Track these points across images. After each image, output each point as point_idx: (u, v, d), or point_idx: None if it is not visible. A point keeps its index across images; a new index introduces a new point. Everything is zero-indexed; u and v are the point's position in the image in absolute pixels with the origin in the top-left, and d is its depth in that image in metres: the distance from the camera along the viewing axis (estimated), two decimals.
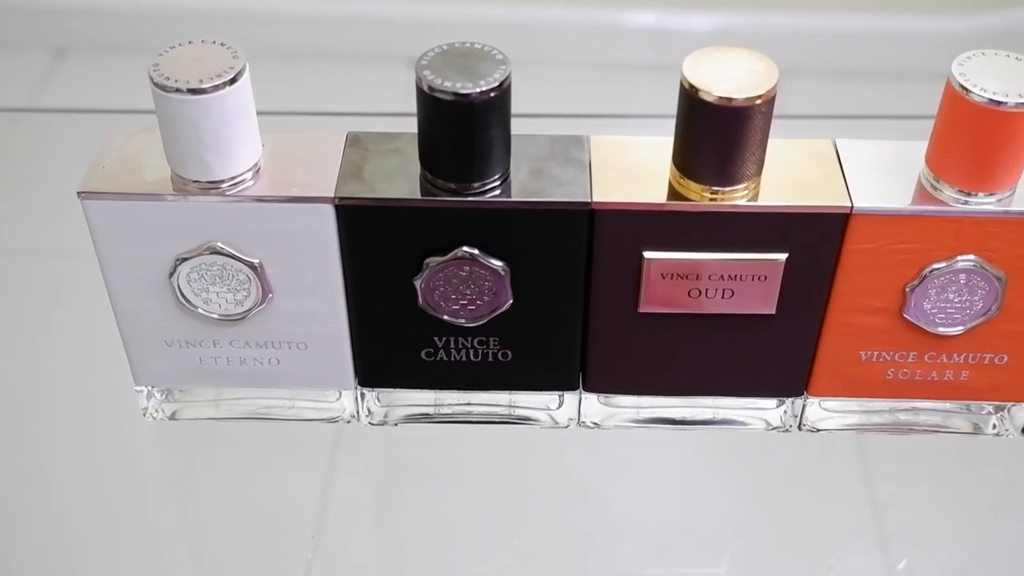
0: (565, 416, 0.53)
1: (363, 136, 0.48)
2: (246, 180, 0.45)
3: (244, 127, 0.45)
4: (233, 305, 0.48)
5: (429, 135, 0.45)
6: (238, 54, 0.44)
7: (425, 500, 0.52)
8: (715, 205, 0.45)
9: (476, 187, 0.45)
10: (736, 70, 0.43)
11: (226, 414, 0.54)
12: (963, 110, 0.43)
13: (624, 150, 0.47)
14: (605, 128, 0.72)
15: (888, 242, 0.46)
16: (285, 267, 0.47)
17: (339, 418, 0.53)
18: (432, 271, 0.47)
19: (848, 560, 0.50)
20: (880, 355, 0.50)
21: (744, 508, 0.52)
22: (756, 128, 0.43)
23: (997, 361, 0.50)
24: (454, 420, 0.54)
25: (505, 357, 0.50)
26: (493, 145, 0.44)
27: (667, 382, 0.52)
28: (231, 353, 0.50)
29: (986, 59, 0.44)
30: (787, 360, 0.51)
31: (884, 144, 0.48)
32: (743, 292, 0.47)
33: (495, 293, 0.48)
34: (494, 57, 0.44)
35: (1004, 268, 0.47)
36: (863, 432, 0.54)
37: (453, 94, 0.42)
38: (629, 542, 0.50)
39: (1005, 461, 0.54)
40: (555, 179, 0.46)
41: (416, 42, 0.47)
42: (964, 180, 0.45)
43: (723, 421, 0.53)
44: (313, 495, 0.51)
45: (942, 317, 0.48)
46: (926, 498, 0.52)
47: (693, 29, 0.83)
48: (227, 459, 0.53)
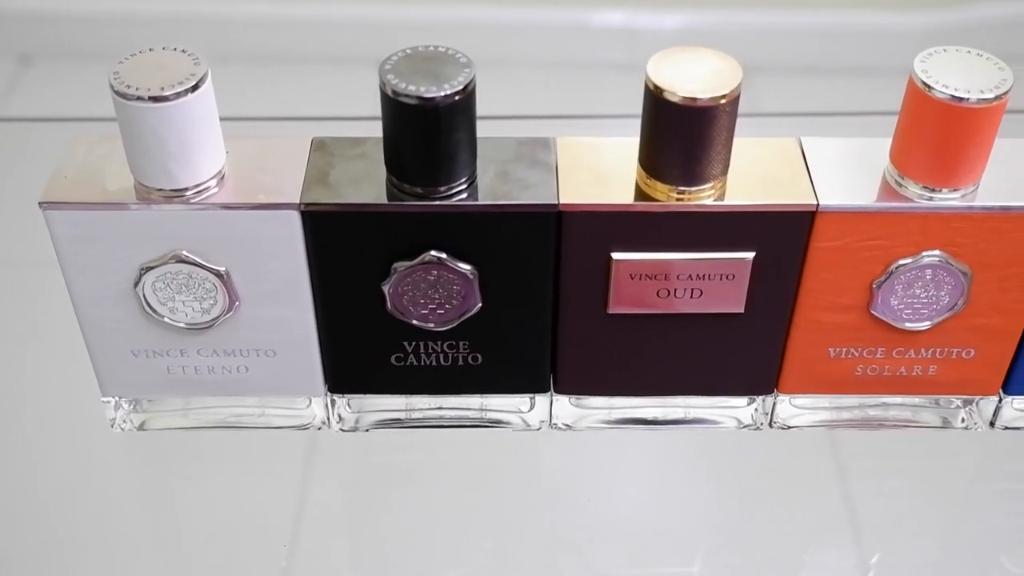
0: (537, 418, 0.53)
1: (328, 141, 0.48)
2: (210, 188, 0.45)
3: (207, 134, 0.44)
4: (200, 314, 0.48)
5: (394, 140, 0.44)
6: (200, 61, 0.43)
7: (397, 505, 0.51)
8: (682, 205, 0.45)
9: (443, 191, 0.45)
10: (700, 70, 0.43)
11: (196, 423, 0.53)
12: (926, 107, 0.43)
13: (590, 151, 0.47)
14: (574, 129, 0.72)
15: (854, 239, 0.46)
16: (252, 274, 0.47)
17: (310, 425, 0.53)
18: (400, 276, 0.47)
19: (822, 556, 0.50)
20: (848, 351, 0.50)
21: (717, 506, 0.52)
22: (721, 127, 0.44)
23: (964, 355, 0.51)
24: (426, 425, 0.53)
25: (475, 360, 0.50)
26: (459, 148, 0.44)
27: (638, 382, 0.52)
28: (199, 362, 0.50)
29: (948, 56, 0.44)
30: (757, 358, 0.51)
31: (849, 141, 0.48)
32: (711, 291, 0.48)
33: (464, 297, 0.47)
34: (458, 60, 0.43)
35: (969, 263, 0.47)
36: (834, 428, 0.54)
37: (417, 98, 0.42)
38: (603, 543, 0.50)
39: (974, 454, 0.54)
40: (522, 181, 0.46)
41: (381, 44, 0.47)
42: (928, 176, 0.45)
43: (694, 420, 0.54)
44: (285, 503, 0.51)
45: (909, 313, 0.48)
46: (898, 492, 0.52)
47: (661, 28, 0.83)
48: (198, 469, 0.53)
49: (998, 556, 0.50)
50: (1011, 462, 0.53)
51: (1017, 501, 0.52)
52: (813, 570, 0.50)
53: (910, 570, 0.49)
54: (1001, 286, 0.48)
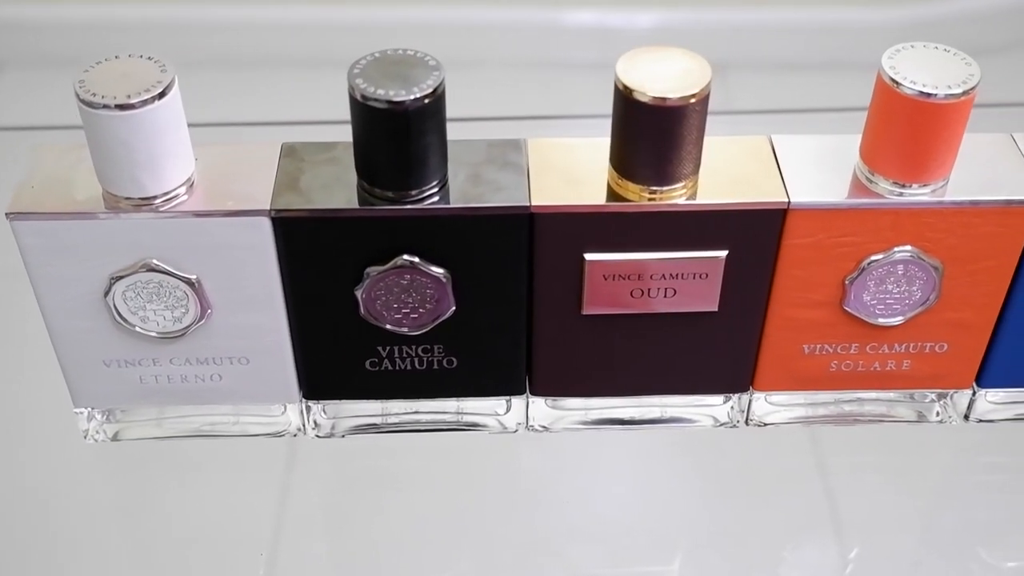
0: (513, 421, 0.53)
1: (298, 146, 0.47)
2: (180, 195, 0.45)
3: (176, 141, 0.44)
4: (171, 322, 0.47)
5: (364, 144, 0.44)
6: (166, 68, 0.43)
7: (375, 511, 0.51)
8: (654, 205, 0.45)
9: (414, 195, 0.45)
10: (669, 69, 0.43)
11: (170, 433, 0.53)
12: (894, 103, 0.43)
13: (562, 152, 0.47)
14: (548, 129, 0.72)
15: (826, 236, 0.46)
16: (223, 282, 0.47)
17: (285, 432, 0.53)
18: (373, 281, 0.46)
19: (801, 551, 0.50)
20: (823, 348, 0.50)
21: (697, 505, 0.52)
22: (692, 127, 0.44)
23: (937, 350, 0.51)
24: (402, 429, 0.53)
25: (450, 364, 0.50)
26: (429, 152, 0.44)
27: (614, 383, 0.52)
28: (172, 371, 0.49)
29: (915, 52, 0.44)
30: (732, 356, 0.51)
31: (819, 139, 0.48)
32: (685, 290, 0.48)
33: (437, 300, 0.47)
34: (427, 63, 0.43)
35: (941, 258, 0.47)
36: (810, 424, 0.54)
37: (387, 102, 0.42)
38: (582, 544, 0.50)
39: (950, 447, 0.54)
40: (493, 184, 0.46)
41: (350, 47, 0.47)
42: (898, 172, 0.45)
43: (671, 419, 0.54)
44: (262, 511, 0.51)
45: (882, 308, 0.49)
46: (875, 486, 0.53)
47: (634, 27, 0.83)
48: (173, 478, 0.52)
49: (976, 548, 0.50)
50: (986, 454, 0.54)
51: (993, 493, 0.52)
52: (793, 566, 0.50)
53: (889, 563, 0.50)
54: (972, 280, 0.48)
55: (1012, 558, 0.50)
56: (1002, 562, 0.50)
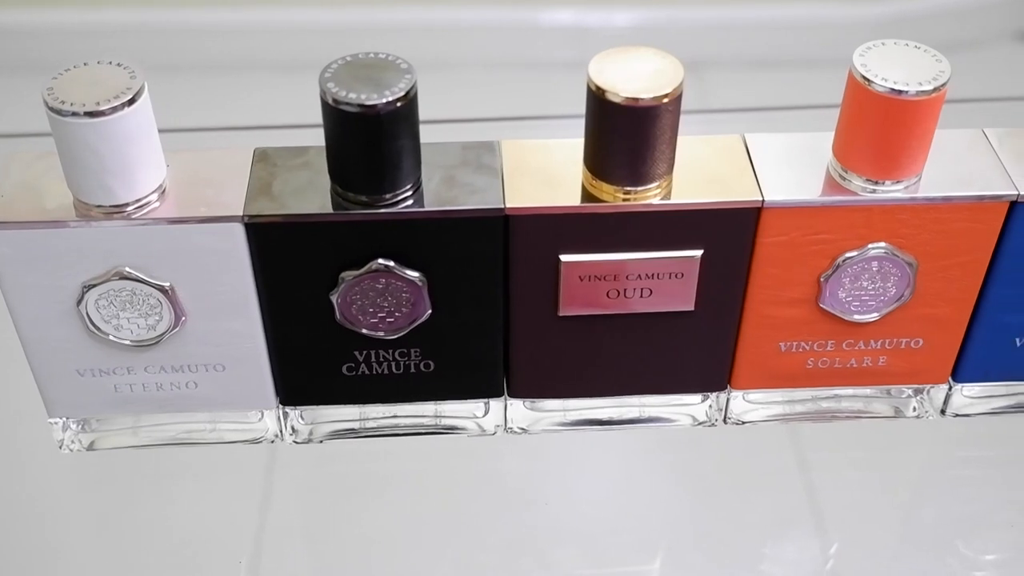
0: (492, 423, 0.53)
1: (271, 151, 0.47)
2: (151, 202, 0.44)
3: (146, 148, 0.44)
4: (145, 330, 0.47)
5: (337, 148, 0.44)
6: (135, 74, 0.43)
7: (355, 516, 0.51)
8: (628, 205, 0.45)
9: (388, 199, 0.45)
10: (641, 70, 0.43)
11: (146, 441, 0.52)
12: (866, 100, 0.44)
13: (536, 154, 0.47)
14: (524, 130, 0.72)
15: (800, 234, 0.46)
16: (197, 289, 0.46)
17: (263, 439, 0.53)
18: (348, 285, 0.46)
19: (783, 548, 0.50)
20: (799, 345, 0.51)
21: (678, 504, 0.52)
22: (665, 126, 0.44)
23: (913, 345, 0.51)
24: (380, 434, 0.53)
25: (428, 367, 0.50)
26: (403, 155, 0.44)
27: (592, 383, 0.52)
28: (147, 379, 0.49)
29: (886, 49, 0.44)
30: (709, 355, 0.51)
31: (792, 136, 0.48)
32: (661, 290, 0.48)
33: (413, 304, 0.47)
34: (399, 66, 0.43)
35: (915, 254, 0.47)
36: (788, 422, 0.54)
37: (359, 106, 0.42)
38: (563, 545, 0.50)
39: (927, 442, 0.55)
40: (468, 186, 0.46)
41: (322, 50, 0.47)
42: (871, 169, 0.45)
43: (649, 419, 0.54)
44: (241, 518, 0.51)
45: (857, 305, 0.49)
46: (854, 482, 0.53)
47: (610, 26, 0.83)
48: (151, 487, 0.52)
49: (954, 541, 0.50)
50: (963, 448, 0.54)
51: (970, 487, 0.53)
52: (775, 563, 0.50)
53: (869, 558, 0.50)
54: (946, 275, 0.48)
55: (990, 551, 0.50)
56: (980, 555, 0.50)
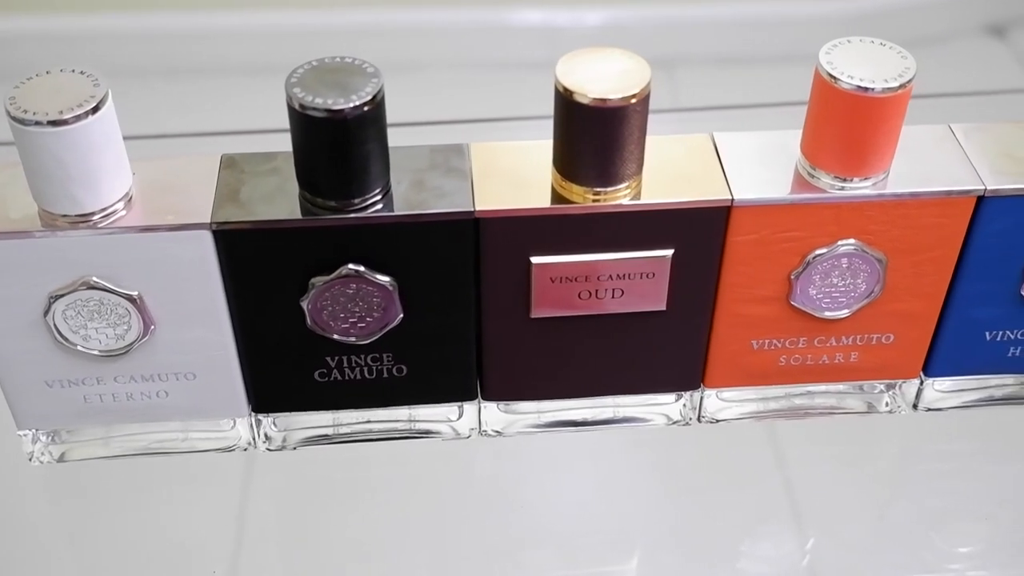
0: (466, 426, 0.53)
1: (238, 158, 0.47)
2: (118, 211, 0.44)
3: (111, 156, 0.43)
4: (114, 340, 0.47)
5: (305, 154, 0.44)
6: (99, 82, 0.42)
7: (331, 523, 0.51)
8: (598, 206, 0.45)
9: (357, 203, 0.44)
10: (608, 70, 0.43)
11: (117, 452, 0.52)
12: (833, 98, 0.44)
13: (505, 156, 0.47)
14: (495, 132, 0.72)
15: (770, 232, 0.47)
16: (166, 297, 0.46)
17: (236, 447, 0.52)
18: (318, 291, 0.46)
19: (759, 545, 0.51)
20: (771, 343, 0.51)
21: (654, 503, 0.52)
22: (633, 127, 0.44)
23: (884, 341, 0.51)
24: (354, 439, 0.53)
25: (400, 372, 0.50)
26: (371, 160, 0.43)
27: (565, 385, 0.52)
28: (116, 389, 0.49)
29: (852, 46, 0.45)
30: (681, 354, 0.51)
31: (761, 135, 0.48)
32: (633, 290, 0.48)
33: (384, 309, 0.47)
34: (365, 71, 0.43)
35: (884, 250, 0.48)
36: (761, 419, 0.54)
37: (325, 111, 0.42)
38: (540, 547, 0.50)
39: (900, 436, 0.55)
40: (437, 190, 0.45)
41: (290, 53, 0.46)
42: (839, 166, 0.45)
43: (624, 419, 0.54)
44: (216, 527, 0.50)
45: (828, 302, 0.49)
46: (829, 478, 0.53)
47: (581, 25, 0.83)
48: (124, 498, 0.51)
49: (928, 534, 0.51)
50: (935, 443, 0.54)
51: (943, 480, 0.53)
52: (752, 559, 0.50)
53: (845, 553, 0.50)
54: (916, 271, 0.48)
55: (963, 544, 0.50)
56: (954, 548, 0.50)
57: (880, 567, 0.49)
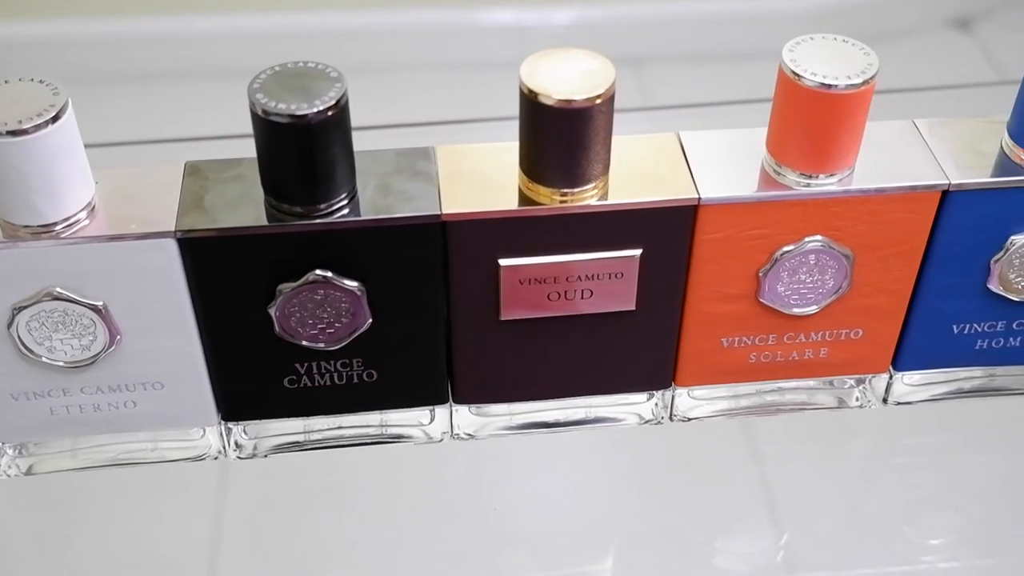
0: (438, 430, 0.53)
1: (202, 165, 0.46)
2: (81, 220, 0.44)
3: (73, 165, 0.43)
4: (80, 351, 0.46)
5: (269, 160, 0.43)
6: (58, 91, 0.42)
7: (303, 529, 0.50)
8: (566, 207, 0.45)
9: (323, 208, 0.44)
10: (572, 71, 0.43)
11: (86, 463, 0.51)
12: (797, 95, 0.44)
13: (472, 158, 0.47)
14: (463, 134, 0.71)
15: (737, 229, 0.47)
16: (131, 307, 0.45)
17: (206, 455, 0.52)
18: (286, 297, 0.46)
19: (732, 541, 0.51)
20: (741, 340, 0.51)
21: (629, 502, 0.52)
22: (599, 127, 0.43)
23: (853, 336, 0.51)
24: (326, 445, 0.52)
25: (371, 377, 0.49)
26: (336, 165, 0.43)
27: (537, 386, 0.52)
28: (83, 400, 0.48)
29: (815, 44, 0.45)
30: (652, 353, 0.51)
31: (726, 133, 0.48)
32: (602, 291, 0.48)
33: (353, 314, 0.47)
34: (328, 75, 0.43)
35: (851, 245, 0.48)
36: (733, 416, 0.54)
37: (289, 116, 0.41)
38: (515, 549, 0.50)
39: (871, 431, 0.55)
40: (403, 194, 0.45)
41: (253, 56, 0.46)
42: (805, 163, 0.46)
43: (596, 420, 0.54)
44: (188, 537, 0.50)
45: (796, 298, 0.49)
46: (801, 473, 0.53)
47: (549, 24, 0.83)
48: (94, 510, 0.51)
49: (901, 527, 0.51)
50: (905, 436, 0.55)
51: (914, 473, 0.53)
52: (727, 556, 0.50)
53: (819, 547, 0.50)
54: (883, 266, 0.49)
55: (935, 536, 0.51)
56: (926, 540, 0.51)
57: (854, 560, 0.50)
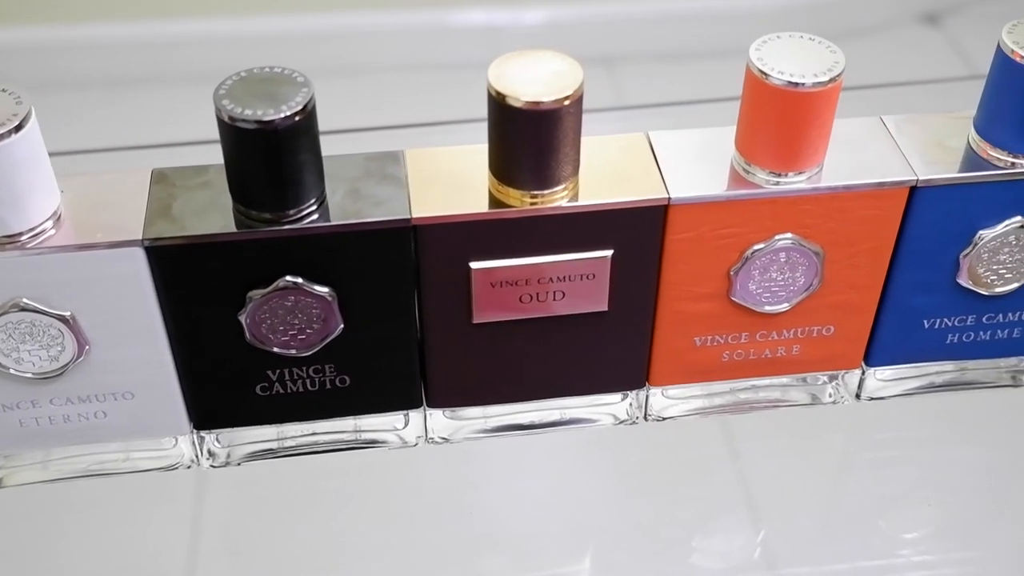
0: (413, 434, 0.53)
1: (169, 172, 0.46)
2: (47, 230, 0.43)
3: (38, 175, 0.42)
4: (48, 362, 0.46)
5: (237, 166, 0.43)
6: (21, 99, 0.41)
7: (279, 536, 0.50)
8: (536, 209, 0.45)
9: (292, 214, 0.44)
10: (540, 73, 0.43)
11: (57, 475, 0.51)
12: (764, 94, 0.44)
13: (441, 161, 0.47)
14: (435, 136, 0.71)
15: (708, 229, 0.47)
16: (100, 317, 0.45)
17: (179, 465, 0.51)
18: (256, 304, 0.45)
19: (709, 539, 0.51)
20: (714, 339, 0.51)
21: (606, 502, 0.52)
22: (568, 128, 0.43)
23: (824, 332, 0.52)
24: (300, 452, 0.52)
25: (343, 383, 0.49)
26: (304, 170, 0.43)
27: (511, 389, 0.52)
28: (53, 412, 0.48)
29: (781, 42, 0.45)
30: (625, 354, 0.51)
31: (695, 132, 0.48)
32: (574, 292, 0.47)
33: (324, 320, 0.46)
34: (295, 80, 0.42)
35: (820, 243, 0.48)
36: (708, 415, 0.54)
37: (256, 122, 0.41)
38: (493, 552, 0.50)
39: (844, 426, 0.55)
40: (372, 198, 0.45)
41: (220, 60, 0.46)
42: (773, 162, 0.46)
43: (571, 421, 0.54)
44: (163, 548, 0.49)
45: (768, 296, 0.49)
46: (776, 470, 0.53)
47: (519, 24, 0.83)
48: (66, 523, 0.50)
49: (876, 521, 0.51)
50: (879, 431, 0.55)
51: (888, 468, 0.54)
52: (704, 554, 0.50)
53: (796, 543, 0.50)
54: (853, 262, 0.49)
55: (909, 529, 0.51)
56: (900, 533, 0.51)
57: (831, 555, 0.50)
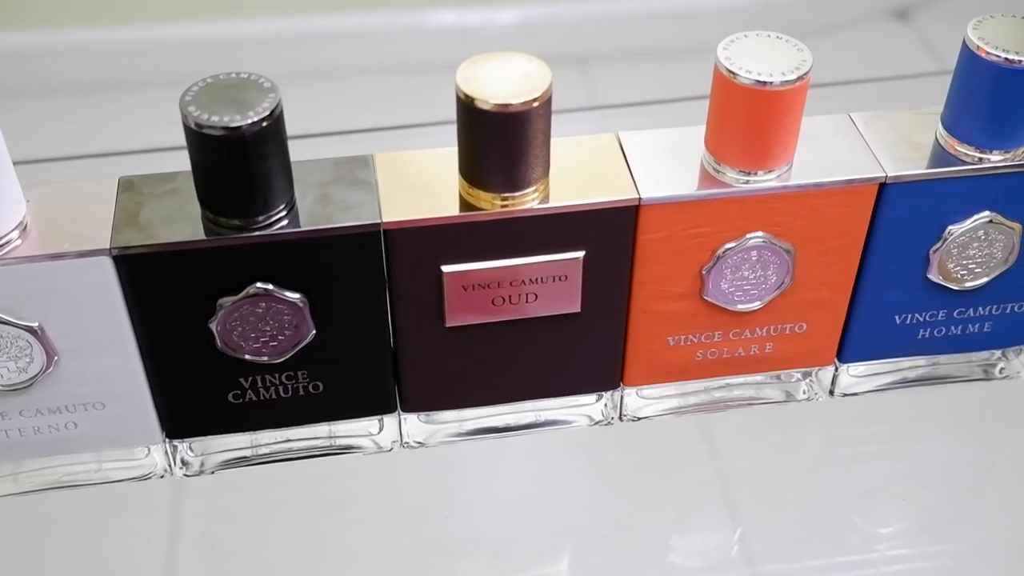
0: (388, 439, 0.52)
1: (136, 180, 0.46)
2: (12, 240, 0.43)
3: (2, 184, 0.42)
4: (16, 373, 0.45)
5: (205, 173, 0.43)
6: None
7: (255, 544, 0.50)
8: (507, 212, 0.45)
9: (261, 221, 0.43)
10: (508, 75, 0.43)
11: (27, 487, 0.50)
12: (733, 93, 0.44)
13: (411, 165, 0.47)
14: (405, 139, 0.71)
15: (679, 228, 0.47)
16: (68, 327, 0.45)
17: (152, 474, 0.51)
18: (227, 312, 0.45)
19: (686, 538, 0.51)
20: (687, 338, 0.51)
21: (582, 504, 0.52)
22: (537, 130, 0.43)
23: (797, 330, 0.52)
24: (274, 459, 0.52)
25: (316, 389, 0.49)
26: (273, 176, 0.43)
27: (485, 392, 0.51)
28: (22, 423, 0.47)
29: (748, 41, 0.45)
30: (599, 355, 0.51)
31: (665, 132, 0.49)
32: (546, 294, 0.47)
33: (296, 326, 0.46)
34: (261, 85, 0.42)
35: (791, 240, 0.48)
36: (683, 414, 0.54)
37: (222, 128, 0.41)
38: (470, 556, 0.50)
39: (819, 423, 0.55)
40: (342, 203, 0.45)
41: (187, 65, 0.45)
42: (743, 160, 0.46)
43: (546, 423, 0.53)
44: (139, 558, 0.49)
45: (740, 295, 0.49)
46: (752, 468, 0.53)
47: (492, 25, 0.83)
48: (38, 536, 0.50)
49: (852, 517, 0.51)
50: (853, 427, 0.55)
51: (862, 463, 0.54)
52: (681, 553, 0.50)
53: (774, 539, 0.50)
54: (823, 260, 0.49)
55: (884, 524, 0.51)
56: (876, 528, 0.51)
57: (808, 552, 0.50)
